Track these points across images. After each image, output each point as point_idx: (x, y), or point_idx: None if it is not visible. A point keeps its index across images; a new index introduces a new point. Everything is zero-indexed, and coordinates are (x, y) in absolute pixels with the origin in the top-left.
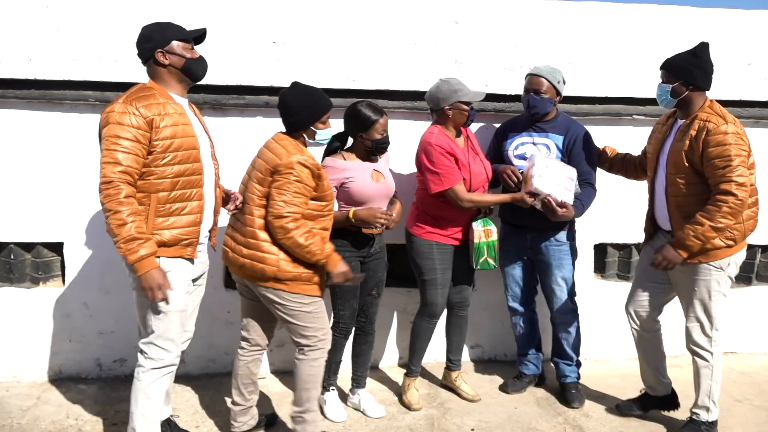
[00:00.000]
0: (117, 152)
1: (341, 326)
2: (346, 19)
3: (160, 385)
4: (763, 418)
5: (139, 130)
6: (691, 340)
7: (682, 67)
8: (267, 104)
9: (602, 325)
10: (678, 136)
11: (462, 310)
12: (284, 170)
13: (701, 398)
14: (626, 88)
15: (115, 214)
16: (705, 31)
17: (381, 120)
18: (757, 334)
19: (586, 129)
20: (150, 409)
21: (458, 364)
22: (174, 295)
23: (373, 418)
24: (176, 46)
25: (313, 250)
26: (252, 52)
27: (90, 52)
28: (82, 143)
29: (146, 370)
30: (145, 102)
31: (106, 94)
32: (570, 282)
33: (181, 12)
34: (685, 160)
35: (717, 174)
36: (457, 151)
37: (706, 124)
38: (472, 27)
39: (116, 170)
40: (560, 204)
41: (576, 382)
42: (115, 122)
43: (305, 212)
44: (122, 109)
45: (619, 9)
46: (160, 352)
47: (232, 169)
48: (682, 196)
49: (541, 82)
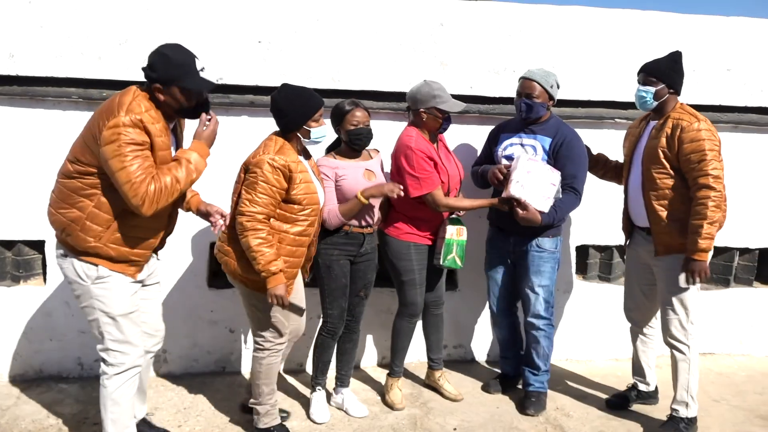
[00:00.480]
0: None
1: (329, 326)
2: (332, 19)
3: (126, 388)
4: (741, 418)
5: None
6: (669, 333)
7: (665, 72)
8: (252, 103)
9: (583, 325)
10: (653, 134)
11: (437, 308)
12: (252, 168)
13: (679, 393)
14: (608, 92)
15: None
16: (685, 37)
17: (355, 111)
18: (734, 336)
19: (576, 132)
20: (119, 414)
21: (440, 364)
22: (114, 301)
23: (356, 418)
24: (176, 90)
25: (257, 258)
26: (237, 51)
27: (73, 48)
28: (64, 140)
29: (110, 376)
30: (146, 116)
31: (90, 92)
32: (547, 291)
33: (167, 10)
34: (662, 156)
35: (694, 168)
36: (435, 155)
37: (680, 122)
38: (458, 29)
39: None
40: (523, 205)
41: (537, 391)
42: (117, 141)
43: (272, 213)
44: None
45: (602, 14)
46: (119, 357)
47: (217, 169)
48: (659, 190)
49: (533, 86)
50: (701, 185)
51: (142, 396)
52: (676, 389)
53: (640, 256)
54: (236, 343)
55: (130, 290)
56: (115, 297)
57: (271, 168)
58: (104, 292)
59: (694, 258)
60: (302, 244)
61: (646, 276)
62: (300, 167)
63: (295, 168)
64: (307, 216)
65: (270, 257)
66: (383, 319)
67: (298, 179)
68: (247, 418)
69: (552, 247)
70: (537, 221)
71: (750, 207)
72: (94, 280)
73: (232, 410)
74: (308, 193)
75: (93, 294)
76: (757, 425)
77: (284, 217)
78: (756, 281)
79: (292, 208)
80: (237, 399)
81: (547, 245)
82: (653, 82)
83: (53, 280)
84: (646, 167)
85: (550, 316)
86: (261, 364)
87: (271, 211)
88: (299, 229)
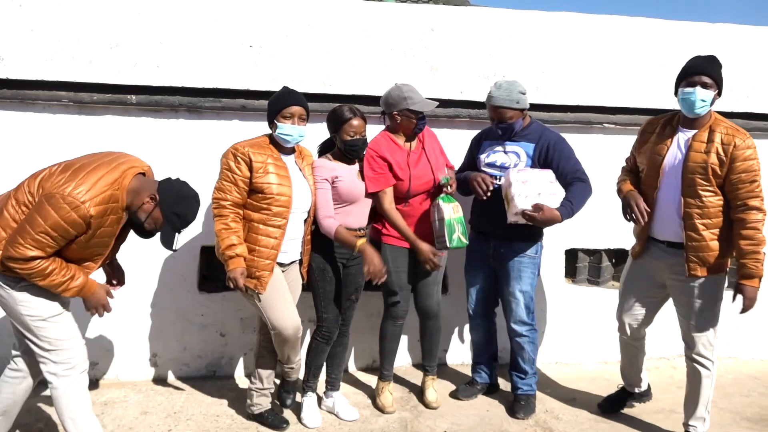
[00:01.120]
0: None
1: (325, 331)
2: (323, 24)
3: (78, 385)
4: (728, 420)
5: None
6: (696, 350)
7: (721, 77)
8: (243, 107)
9: (573, 329)
10: (695, 146)
11: (428, 318)
12: (222, 158)
13: (699, 410)
14: (597, 97)
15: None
16: (672, 43)
17: (353, 120)
18: (721, 339)
19: (558, 134)
20: (78, 411)
21: (431, 370)
22: (41, 305)
23: (346, 421)
24: (161, 213)
25: (219, 241)
26: (229, 55)
27: (64, 52)
28: (54, 144)
29: (58, 376)
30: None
31: (80, 95)
32: (528, 296)
33: (158, 14)
34: (710, 173)
35: (744, 189)
36: (396, 156)
37: (733, 138)
38: (448, 35)
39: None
40: (536, 207)
41: (526, 394)
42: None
43: (238, 200)
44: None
45: (591, 20)
46: (62, 354)
47: (206, 172)
48: (704, 208)
49: (502, 113)
50: (752, 207)
51: (10, 420)
52: (697, 405)
53: (652, 269)
54: (227, 347)
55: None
56: (38, 300)
57: (233, 156)
58: (28, 297)
59: (752, 285)
60: (270, 235)
61: (651, 290)
62: (269, 159)
63: (262, 159)
64: (270, 205)
65: (229, 242)
66: (373, 323)
67: (262, 168)
68: (238, 422)
69: (532, 253)
70: (557, 218)
71: None
72: (16, 287)
73: (223, 414)
74: (274, 183)
75: (18, 300)
76: (743, 427)
77: (251, 205)
78: None
79: (256, 196)
80: (227, 403)
81: (527, 250)
82: (712, 87)
83: None
84: (689, 182)
85: (532, 321)
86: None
87: (236, 198)
88: (264, 216)
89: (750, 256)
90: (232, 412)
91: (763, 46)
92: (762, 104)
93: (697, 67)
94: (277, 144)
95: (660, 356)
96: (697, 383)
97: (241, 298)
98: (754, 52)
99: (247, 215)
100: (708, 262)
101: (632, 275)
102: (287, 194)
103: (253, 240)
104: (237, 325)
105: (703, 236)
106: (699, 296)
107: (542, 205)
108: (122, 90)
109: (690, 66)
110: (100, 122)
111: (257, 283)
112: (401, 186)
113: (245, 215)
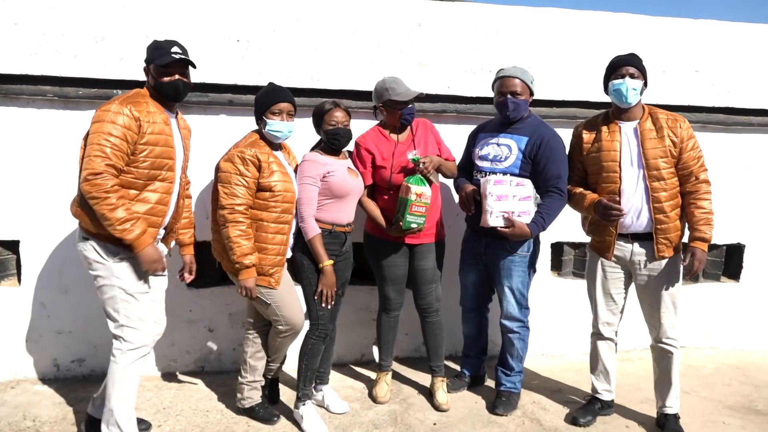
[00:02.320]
0: (106, 148)
1: (321, 329)
2: (310, 18)
3: (136, 366)
4: (710, 409)
5: (128, 131)
6: (665, 334)
7: (645, 69)
8: (231, 102)
9: (558, 321)
10: (647, 135)
11: (429, 315)
12: (223, 163)
13: (673, 390)
14: (582, 92)
15: (105, 200)
16: (656, 39)
17: (333, 111)
18: (703, 329)
19: (555, 132)
20: (127, 390)
21: (438, 371)
22: (132, 279)
23: (336, 414)
24: (153, 67)
25: (234, 248)
26: (216, 49)
27: (49, 46)
28: (39, 139)
29: (123, 351)
30: (138, 107)
31: (65, 90)
32: (519, 294)
33: (144, 8)
34: (670, 155)
35: (696, 164)
36: (381, 147)
37: (675, 121)
38: (435, 30)
39: (104, 164)
40: (508, 222)
41: (509, 391)
42: (109, 121)
43: (250, 203)
44: (117, 110)
45: (576, 16)
46: (134, 334)
47: (195, 167)
48: (669, 190)
49: (516, 83)
50: (702, 180)
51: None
52: (671, 386)
53: (621, 265)
54: (215, 342)
55: (144, 273)
56: (133, 275)
57: (241, 160)
58: (124, 270)
59: (702, 249)
60: (280, 231)
61: (622, 283)
62: (270, 158)
63: (266, 158)
64: (279, 202)
65: (246, 250)
66: (362, 316)
67: (268, 168)
68: (228, 417)
69: (523, 251)
70: (527, 235)
71: (718, 204)
72: (115, 258)
73: (213, 410)
74: (279, 181)
75: (113, 272)
76: (725, 415)
77: (259, 204)
78: (723, 276)
79: (264, 195)
80: (217, 398)
81: (518, 248)
82: (639, 77)
83: (28, 280)
84: (653, 167)
85: (524, 318)
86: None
87: (248, 200)
88: (274, 215)
89: (702, 222)
90: (222, 406)
91: (743, 42)
92: (742, 99)
93: (621, 61)
94: (267, 141)
95: (643, 347)
96: (668, 365)
97: (229, 293)
98: (735, 49)
99: (255, 215)
100: (674, 242)
101: (605, 276)
102: (292, 189)
103: (263, 239)
104: (225, 320)
105: (670, 217)
106: (666, 278)
107: (514, 221)
108: (108, 85)
109: (615, 61)
110: (85, 117)
111: (271, 280)
112: (383, 174)
113: (253, 216)
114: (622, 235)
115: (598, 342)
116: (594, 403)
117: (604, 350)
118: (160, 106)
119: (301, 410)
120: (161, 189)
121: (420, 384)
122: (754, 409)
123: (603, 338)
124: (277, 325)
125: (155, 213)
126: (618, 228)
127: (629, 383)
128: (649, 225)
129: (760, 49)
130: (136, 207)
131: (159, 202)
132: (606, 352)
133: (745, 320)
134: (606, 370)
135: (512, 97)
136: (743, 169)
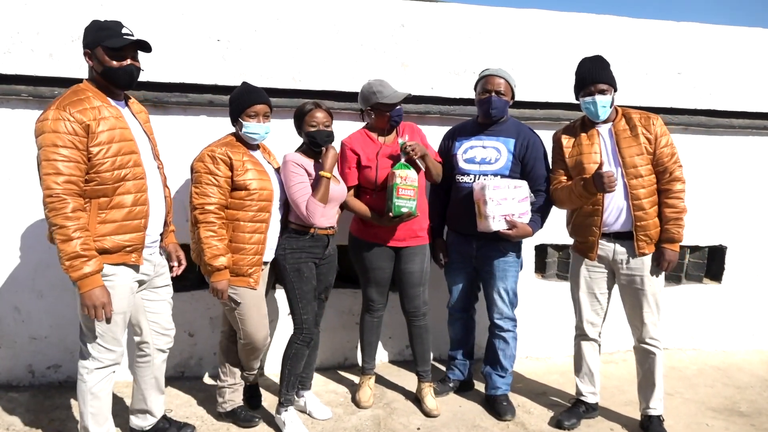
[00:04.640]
0: (57, 162)
1: (305, 333)
2: (292, 18)
3: (106, 383)
4: (693, 410)
5: (75, 137)
6: (648, 334)
7: (612, 78)
8: (211, 103)
9: (543, 323)
10: (622, 134)
11: (417, 319)
12: (195, 163)
13: (657, 391)
14: (566, 94)
15: (61, 229)
16: (639, 41)
17: (314, 111)
18: (686, 331)
19: (533, 132)
20: (99, 408)
21: (425, 376)
22: (115, 299)
23: (319, 420)
24: (100, 51)
25: (205, 250)
26: (196, 49)
27: (23, 45)
28: (13, 139)
29: (90, 370)
30: (80, 107)
31: (40, 89)
32: (512, 294)
33: (121, 7)
34: (646, 153)
35: (670, 160)
36: (367, 149)
37: (648, 119)
38: (418, 31)
39: (59, 181)
40: (510, 224)
41: (505, 394)
42: (51, 131)
43: (223, 202)
44: (56, 116)
45: (560, 17)
46: (104, 353)
47: (174, 169)
48: (648, 187)
49: (501, 82)
50: (676, 178)
51: (160, 394)
52: (654, 387)
53: (603, 264)
54: (195, 347)
55: (130, 290)
56: (116, 294)
57: (211, 159)
58: (107, 289)
59: (673, 249)
60: (257, 230)
61: (606, 283)
62: (245, 157)
63: (239, 157)
64: (255, 201)
65: (216, 251)
66: (344, 320)
67: (242, 166)
68: (208, 423)
69: (516, 251)
70: (530, 234)
71: (699, 206)
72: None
73: (192, 416)
74: (255, 179)
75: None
76: (709, 417)
77: (235, 204)
78: (705, 278)
79: (240, 194)
80: (196, 403)
81: (510, 249)
82: (609, 91)
83: (2, 284)
84: (631, 165)
85: (515, 318)
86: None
87: (221, 199)
88: (251, 214)
89: (673, 222)
90: (202, 412)
91: (725, 45)
92: (724, 102)
93: (590, 78)
94: (243, 142)
95: (627, 349)
96: (651, 366)
97: (209, 297)
98: (717, 51)
99: (231, 215)
100: (654, 239)
101: (590, 276)
102: (269, 188)
103: (240, 239)
104: (206, 325)
105: (649, 214)
106: (647, 276)
107: (516, 222)
108: None
109: (582, 77)
110: None
111: (250, 281)
112: (369, 175)
113: (229, 215)
114: (604, 234)
115: (583, 343)
116: (579, 406)
117: (589, 351)
118: (105, 98)
119: (283, 416)
120: (134, 188)
121: (404, 388)
122: (737, 411)
123: (587, 339)
124: (238, 334)
125: (135, 216)
126: (601, 227)
127: (613, 385)
128: (630, 223)
129: (741, 52)
130: (113, 215)
131: (136, 203)
132: (590, 353)
133: (728, 321)
134: (591, 372)
135: (497, 95)
136: (725, 171)
